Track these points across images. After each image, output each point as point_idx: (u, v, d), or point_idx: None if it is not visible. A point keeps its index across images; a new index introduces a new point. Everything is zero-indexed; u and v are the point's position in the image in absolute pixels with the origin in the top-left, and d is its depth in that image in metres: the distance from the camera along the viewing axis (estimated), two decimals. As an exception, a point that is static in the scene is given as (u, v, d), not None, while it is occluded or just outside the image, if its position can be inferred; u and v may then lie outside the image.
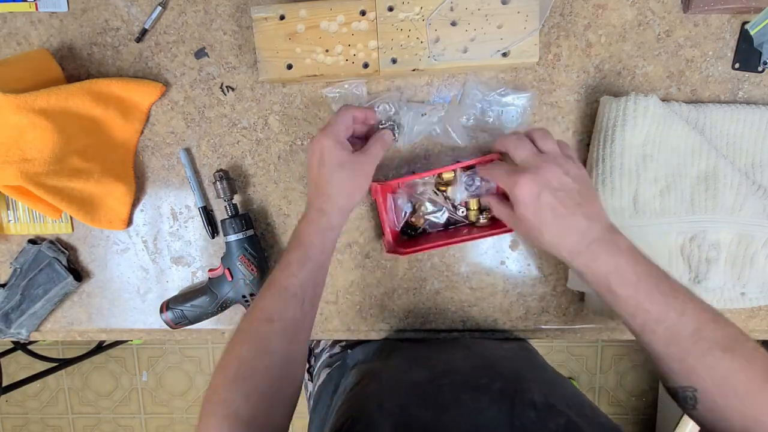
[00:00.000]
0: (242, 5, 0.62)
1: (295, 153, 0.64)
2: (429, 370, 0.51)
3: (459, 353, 0.57)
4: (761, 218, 0.56)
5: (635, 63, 0.59)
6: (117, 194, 0.65)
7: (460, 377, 0.48)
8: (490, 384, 0.45)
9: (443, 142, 0.61)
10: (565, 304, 0.65)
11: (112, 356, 1.89)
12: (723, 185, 0.55)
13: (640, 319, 0.41)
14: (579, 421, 0.40)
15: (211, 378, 0.45)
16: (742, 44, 0.57)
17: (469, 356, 0.56)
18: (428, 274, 0.65)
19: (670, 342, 0.41)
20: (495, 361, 0.55)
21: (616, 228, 0.44)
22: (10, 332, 0.69)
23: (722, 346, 0.39)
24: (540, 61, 0.59)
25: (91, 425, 1.97)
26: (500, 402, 0.42)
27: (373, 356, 0.64)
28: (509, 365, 0.53)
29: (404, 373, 0.52)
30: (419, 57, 0.55)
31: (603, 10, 0.58)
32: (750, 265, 0.57)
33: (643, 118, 0.54)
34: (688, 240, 0.57)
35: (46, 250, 0.67)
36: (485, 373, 0.48)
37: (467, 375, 0.49)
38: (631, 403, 1.76)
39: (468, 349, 0.59)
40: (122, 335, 0.72)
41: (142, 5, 0.63)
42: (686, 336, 0.40)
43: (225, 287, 0.63)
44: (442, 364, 0.52)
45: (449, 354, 0.57)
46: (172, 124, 0.65)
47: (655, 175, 0.56)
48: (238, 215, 0.62)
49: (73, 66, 0.65)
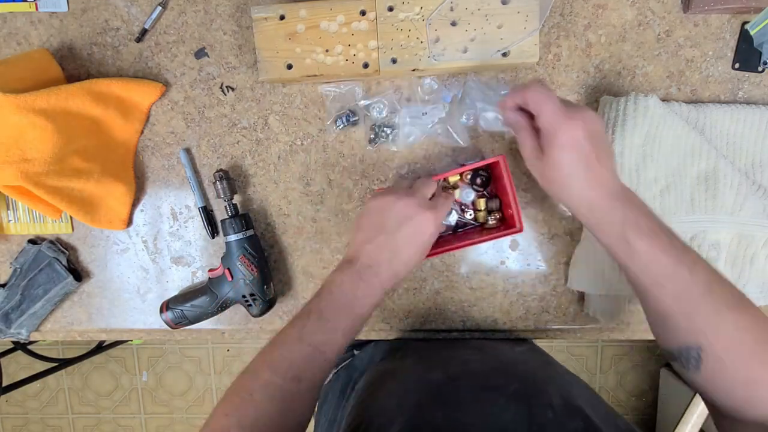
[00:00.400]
0: (242, 5, 0.62)
1: (295, 153, 0.64)
2: (444, 371, 0.50)
3: (473, 355, 0.56)
4: (761, 218, 0.56)
5: (635, 63, 0.59)
6: (117, 194, 0.65)
7: (476, 379, 0.47)
8: (507, 385, 0.44)
9: (444, 142, 0.61)
10: (565, 304, 0.65)
11: (112, 356, 1.89)
12: (723, 185, 0.55)
13: (653, 273, 0.41)
14: (597, 422, 0.39)
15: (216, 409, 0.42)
16: (742, 44, 0.57)
17: (484, 358, 0.55)
18: (428, 274, 0.65)
19: (680, 297, 0.40)
20: (509, 364, 0.54)
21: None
22: (10, 332, 0.69)
23: (730, 305, 0.39)
24: (540, 61, 0.59)
25: (91, 425, 1.97)
26: (517, 403, 0.42)
27: (387, 356, 0.64)
28: (524, 368, 0.53)
29: (420, 373, 0.51)
30: (419, 57, 0.55)
31: (603, 10, 0.58)
32: (750, 264, 0.57)
33: (643, 118, 0.54)
34: (688, 240, 0.57)
35: (46, 250, 0.67)
36: (501, 375, 0.48)
37: (483, 376, 0.48)
38: (631, 403, 1.76)
39: (481, 351, 0.58)
40: (122, 335, 0.71)
41: (142, 5, 0.63)
42: (696, 292, 0.40)
43: (225, 287, 0.63)
44: (457, 366, 0.52)
45: (463, 355, 0.57)
46: (172, 124, 0.65)
47: (655, 174, 0.56)
48: (238, 215, 0.62)
49: (73, 66, 0.65)
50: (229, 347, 1.86)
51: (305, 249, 0.66)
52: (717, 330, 0.39)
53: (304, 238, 0.66)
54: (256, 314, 0.64)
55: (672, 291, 0.40)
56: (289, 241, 0.66)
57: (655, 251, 0.41)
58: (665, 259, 0.40)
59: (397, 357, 0.62)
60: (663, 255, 0.41)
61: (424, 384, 0.48)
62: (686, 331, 0.40)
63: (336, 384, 0.69)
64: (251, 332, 0.69)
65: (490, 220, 0.60)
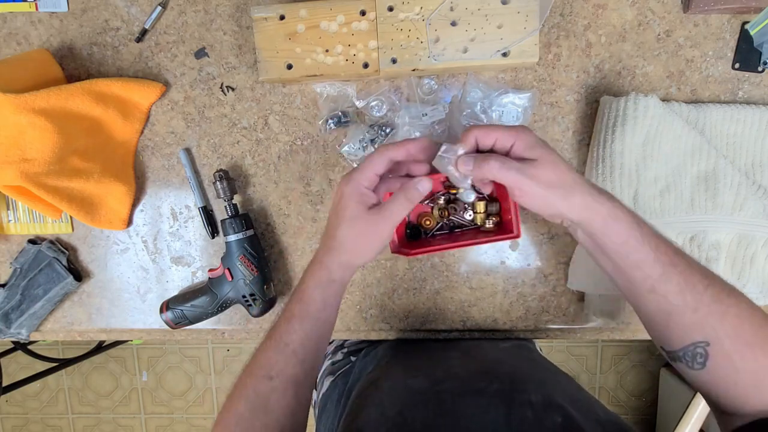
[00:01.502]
0: (242, 5, 0.62)
1: (295, 153, 0.64)
2: (427, 377, 0.51)
3: (457, 360, 0.57)
4: (761, 219, 0.56)
5: (635, 63, 0.59)
6: (117, 194, 0.65)
7: (458, 383, 0.48)
8: (488, 387, 0.46)
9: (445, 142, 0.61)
10: (565, 304, 0.65)
11: (112, 356, 1.89)
12: (723, 185, 0.55)
13: (659, 267, 0.41)
14: (577, 416, 0.40)
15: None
16: (742, 44, 0.57)
17: (467, 362, 0.56)
18: (428, 274, 0.65)
19: (684, 289, 0.40)
20: (492, 364, 0.55)
21: None
22: (10, 332, 0.69)
23: (729, 293, 0.40)
24: (540, 61, 0.59)
25: (91, 425, 1.97)
26: (498, 404, 0.43)
27: (375, 366, 0.64)
28: (506, 368, 0.53)
29: (403, 380, 0.52)
30: (419, 57, 0.55)
31: (603, 10, 0.58)
32: (750, 264, 0.57)
33: (643, 118, 0.54)
34: (688, 240, 0.57)
35: (46, 250, 0.67)
36: (482, 377, 0.49)
37: (465, 380, 0.49)
38: (631, 403, 1.76)
39: (466, 354, 0.59)
40: (122, 335, 0.72)
41: (142, 5, 0.63)
42: (698, 282, 0.40)
43: (225, 287, 0.63)
44: (440, 372, 0.52)
45: (447, 360, 0.57)
46: (172, 124, 0.65)
47: (656, 174, 0.56)
48: (238, 215, 0.62)
49: (73, 66, 0.65)
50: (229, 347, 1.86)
51: (305, 249, 0.66)
52: (722, 321, 0.39)
53: (304, 238, 0.66)
54: (256, 314, 0.64)
55: (676, 284, 0.41)
56: (289, 241, 0.66)
57: (659, 248, 0.41)
58: (667, 253, 0.41)
59: (383, 365, 0.62)
60: (664, 250, 0.41)
61: (407, 392, 0.49)
62: (692, 326, 0.40)
63: (334, 393, 0.69)
64: (251, 332, 0.69)
65: (488, 223, 0.60)
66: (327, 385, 0.72)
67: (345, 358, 0.75)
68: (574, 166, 0.62)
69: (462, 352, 0.60)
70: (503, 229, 0.58)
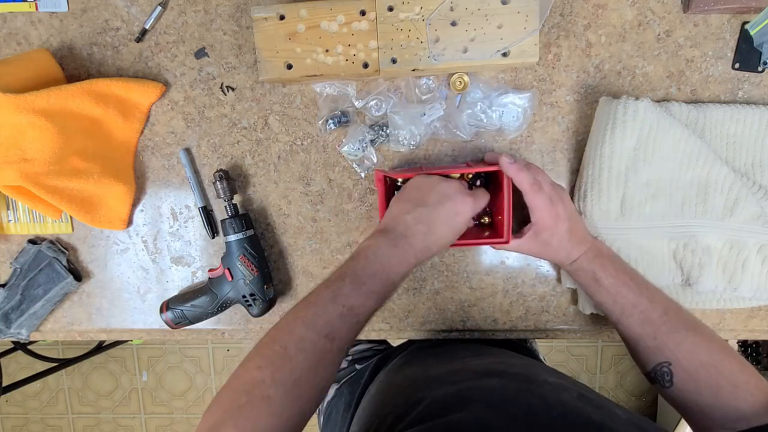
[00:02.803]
0: (242, 5, 0.62)
1: (295, 153, 0.64)
2: (446, 367, 0.52)
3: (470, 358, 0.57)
4: (753, 225, 0.56)
5: (635, 63, 0.59)
6: (117, 194, 0.65)
7: (477, 368, 0.50)
8: (506, 371, 0.47)
9: (446, 138, 0.61)
10: (565, 304, 0.65)
11: (112, 356, 1.89)
12: (713, 191, 0.55)
13: (620, 305, 0.52)
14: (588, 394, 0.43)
15: (247, 362, 0.42)
16: (742, 44, 0.57)
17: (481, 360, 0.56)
18: (428, 274, 0.65)
19: (644, 322, 0.50)
20: (505, 358, 0.57)
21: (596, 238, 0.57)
22: (10, 332, 0.69)
23: (686, 326, 0.49)
24: (540, 61, 0.59)
25: (91, 425, 1.97)
26: (519, 381, 0.44)
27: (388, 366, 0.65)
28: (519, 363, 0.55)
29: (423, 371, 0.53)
30: (419, 57, 0.55)
31: (603, 10, 0.58)
32: (742, 269, 0.57)
33: (632, 121, 0.54)
34: (681, 245, 0.57)
35: (46, 250, 0.67)
36: (498, 365, 0.50)
37: (482, 367, 0.50)
38: (631, 403, 1.76)
39: (478, 354, 0.60)
40: (122, 335, 0.72)
41: (142, 5, 0.63)
42: (656, 317, 0.50)
43: (225, 287, 0.62)
44: (457, 364, 0.53)
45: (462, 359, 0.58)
46: (172, 124, 0.65)
47: (648, 178, 0.56)
48: (238, 215, 0.62)
49: (73, 66, 0.65)
50: (229, 347, 1.86)
51: (305, 249, 0.66)
52: (678, 346, 0.48)
53: (304, 238, 0.66)
54: (256, 314, 0.64)
55: (637, 318, 0.51)
56: (289, 241, 0.66)
57: (619, 287, 0.52)
58: (627, 292, 0.51)
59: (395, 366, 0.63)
60: (625, 289, 0.51)
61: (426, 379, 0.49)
62: (654, 350, 0.50)
63: (340, 402, 0.69)
64: (251, 332, 0.69)
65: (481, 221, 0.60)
66: (332, 393, 0.72)
67: (350, 365, 0.74)
68: (574, 167, 0.62)
69: (473, 352, 0.60)
70: (494, 232, 0.58)
